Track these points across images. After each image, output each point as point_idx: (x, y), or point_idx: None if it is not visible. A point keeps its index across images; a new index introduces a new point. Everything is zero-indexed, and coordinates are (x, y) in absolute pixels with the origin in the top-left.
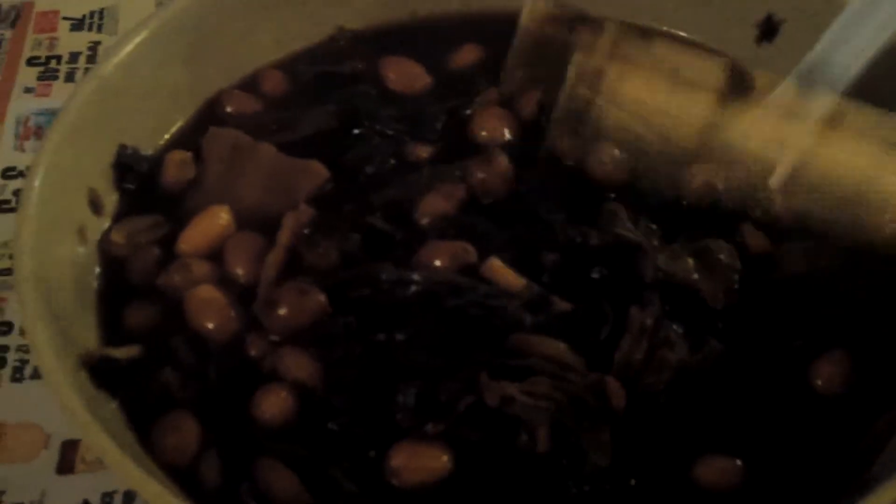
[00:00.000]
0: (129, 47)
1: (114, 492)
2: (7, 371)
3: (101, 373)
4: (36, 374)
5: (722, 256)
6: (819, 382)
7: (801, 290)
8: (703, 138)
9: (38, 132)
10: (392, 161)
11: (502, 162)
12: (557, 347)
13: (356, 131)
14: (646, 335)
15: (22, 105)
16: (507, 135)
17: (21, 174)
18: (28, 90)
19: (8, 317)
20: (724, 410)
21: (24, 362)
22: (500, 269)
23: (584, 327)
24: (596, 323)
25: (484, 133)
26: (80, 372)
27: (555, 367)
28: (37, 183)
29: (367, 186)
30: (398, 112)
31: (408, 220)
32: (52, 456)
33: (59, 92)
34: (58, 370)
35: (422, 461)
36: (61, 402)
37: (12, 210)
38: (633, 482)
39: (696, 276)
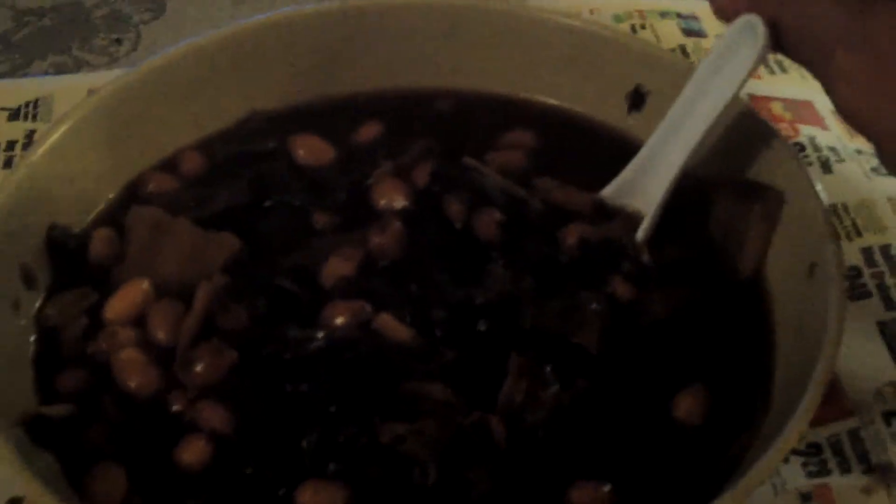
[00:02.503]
0: (55, 136)
1: None
2: None
3: (36, 429)
4: None
5: (594, 306)
6: (680, 414)
7: (664, 332)
8: None
9: None
10: (300, 229)
11: (396, 227)
12: (443, 391)
13: (267, 203)
14: (524, 378)
15: None
16: (403, 202)
17: None
18: None
19: None
20: (598, 442)
21: None
22: (389, 323)
23: (470, 373)
24: (481, 368)
25: (382, 201)
26: (15, 429)
27: (441, 408)
28: None
29: (277, 253)
30: (306, 184)
31: (313, 282)
32: None
33: None
34: None
35: (324, 497)
36: None
37: None
38: None
39: (569, 326)
